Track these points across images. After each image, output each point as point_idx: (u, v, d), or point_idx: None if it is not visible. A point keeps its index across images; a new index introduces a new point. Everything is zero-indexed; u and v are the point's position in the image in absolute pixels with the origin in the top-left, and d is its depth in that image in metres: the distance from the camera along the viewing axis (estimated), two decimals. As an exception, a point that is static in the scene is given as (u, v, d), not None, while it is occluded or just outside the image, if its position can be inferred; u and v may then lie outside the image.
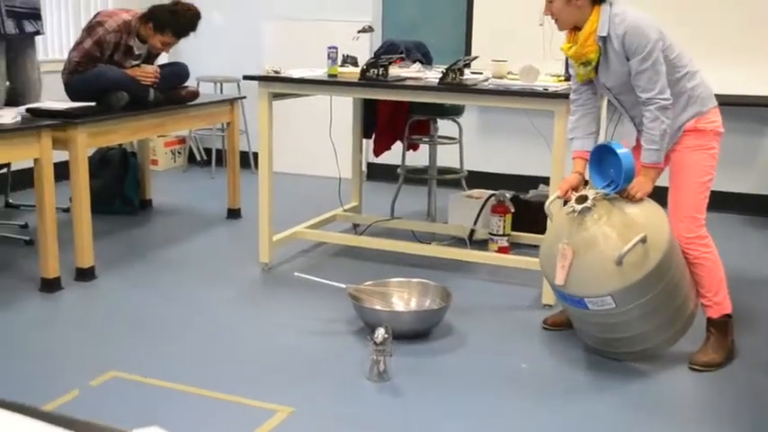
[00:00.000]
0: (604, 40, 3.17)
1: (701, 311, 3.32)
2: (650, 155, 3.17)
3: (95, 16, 4.63)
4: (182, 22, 4.60)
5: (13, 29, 4.26)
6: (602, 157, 3.23)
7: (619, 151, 3.10)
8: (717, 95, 3.31)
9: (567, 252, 3.10)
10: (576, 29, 3.25)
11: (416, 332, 3.46)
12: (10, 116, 3.77)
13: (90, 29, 4.55)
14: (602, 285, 3.05)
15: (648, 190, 3.19)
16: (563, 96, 3.65)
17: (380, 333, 3.02)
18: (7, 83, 4.50)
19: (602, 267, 3.05)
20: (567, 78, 4.04)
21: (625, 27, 3.10)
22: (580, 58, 3.24)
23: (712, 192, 3.29)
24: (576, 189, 3.32)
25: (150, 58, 4.92)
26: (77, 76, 4.53)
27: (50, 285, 3.93)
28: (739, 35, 5.51)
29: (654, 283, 3.05)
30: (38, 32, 4.55)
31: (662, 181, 3.30)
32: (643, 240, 3.01)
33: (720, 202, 3.35)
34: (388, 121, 5.25)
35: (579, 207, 3.12)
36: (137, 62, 4.78)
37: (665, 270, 3.07)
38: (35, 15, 4.41)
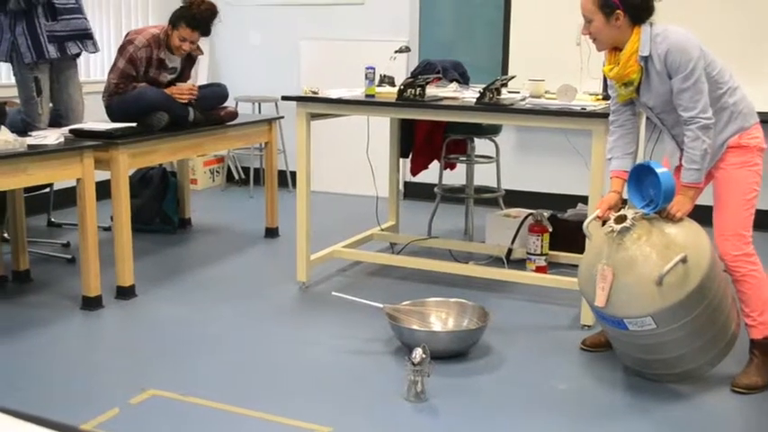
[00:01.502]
0: (646, 59, 3.15)
1: (743, 333, 3.27)
2: (690, 174, 3.14)
3: (125, 36, 4.73)
4: (194, 12, 4.65)
5: (56, 53, 4.34)
6: (641, 176, 3.20)
7: (658, 171, 3.08)
8: (758, 112, 3.28)
9: (606, 273, 3.07)
10: (615, 49, 3.23)
11: (454, 352, 3.45)
12: (54, 137, 3.84)
13: (121, 49, 4.65)
14: (642, 306, 3.02)
15: (688, 209, 3.15)
16: (601, 116, 3.64)
17: (418, 353, 3.02)
18: (50, 104, 4.58)
19: (641, 288, 3.02)
20: (605, 98, 4.02)
21: (667, 45, 3.08)
22: (622, 79, 3.22)
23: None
24: (614, 208, 3.30)
25: (185, 70, 4.98)
26: (117, 98, 4.60)
27: (91, 303, 3.98)
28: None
29: (695, 303, 3.01)
30: (81, 53, 4.61)
31: (702, 200, 3.27)
32: (684, 260, 2.98)
33: (761, 220, 3.31)
34: (425, 140, 5.26)
35: (618, 227, 3.09)
36: (172, 75, 4.85)
37: (706, 290, 3.03)
38: (80, 36, 4.49)
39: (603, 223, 3.31)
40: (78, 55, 4.60)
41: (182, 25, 4.64)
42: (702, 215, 3.25)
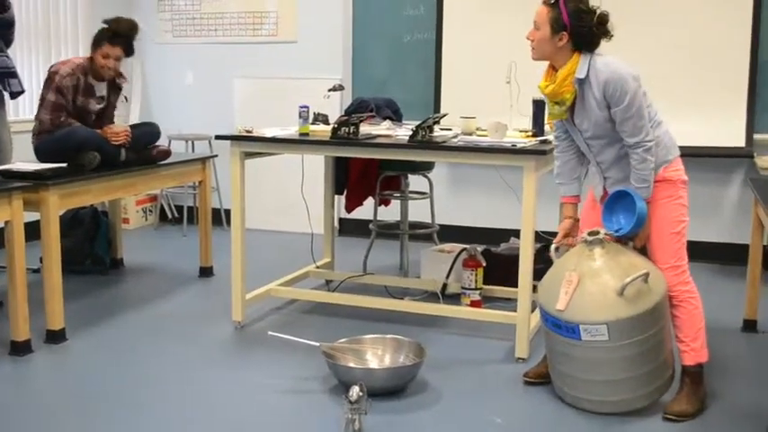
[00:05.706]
0: (581, 82, 3.21)
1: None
2: (643, 192, 3.24)
3: (49, 69, 4.71)
4: (113, 29, 4.69)
5: None
6: (616, 201, 3.34)
7: (635, 196, 3.23)
8: (683, 147, 3.41)
9: (572, 278, 3.22)
10: (553, 68, 3.30)
11: (391, 389, 3.45)
12: (-20, 178, 3.77)
13: (48, 81, 4.64)
14: (600, 313, 3.15)
15: (648, 232, 3.30)
16: (531, 152, 3.72)
17: (355, 391, 3.01)
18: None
19: (603, 296, 3.17)
20: (535, 134, 4.11)
21: (607, 75, 3.15)
22: (555, 97, 3.27)
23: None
24: (571, 234, 3.47)
25: (111, 98, 4.94)
26: (46, 137, 4.53)
27: (20, 349, 3.88)
28: (694, 90, 5.66)
29: (648, 324, 3.16)
30: (6, 92, 4.51)
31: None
32: (645, 278, 3.14)
33: (692, 251, 3.43)
34: (359, 177, 5.29)
35: (591, 238, 3.26)
36: (100, 105, 4.82)
37: (658, 316, 3.19)
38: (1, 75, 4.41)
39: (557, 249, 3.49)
40: (13, 94, 4.52)
41: (104, 43, 4.67)
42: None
